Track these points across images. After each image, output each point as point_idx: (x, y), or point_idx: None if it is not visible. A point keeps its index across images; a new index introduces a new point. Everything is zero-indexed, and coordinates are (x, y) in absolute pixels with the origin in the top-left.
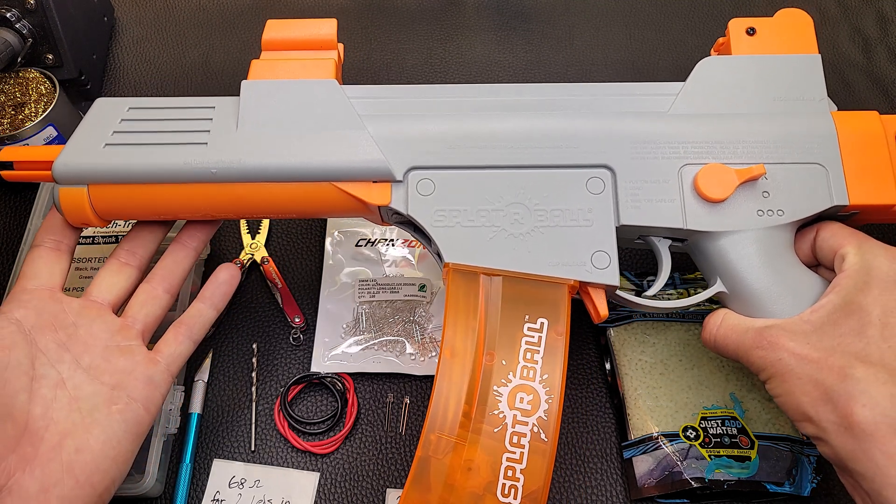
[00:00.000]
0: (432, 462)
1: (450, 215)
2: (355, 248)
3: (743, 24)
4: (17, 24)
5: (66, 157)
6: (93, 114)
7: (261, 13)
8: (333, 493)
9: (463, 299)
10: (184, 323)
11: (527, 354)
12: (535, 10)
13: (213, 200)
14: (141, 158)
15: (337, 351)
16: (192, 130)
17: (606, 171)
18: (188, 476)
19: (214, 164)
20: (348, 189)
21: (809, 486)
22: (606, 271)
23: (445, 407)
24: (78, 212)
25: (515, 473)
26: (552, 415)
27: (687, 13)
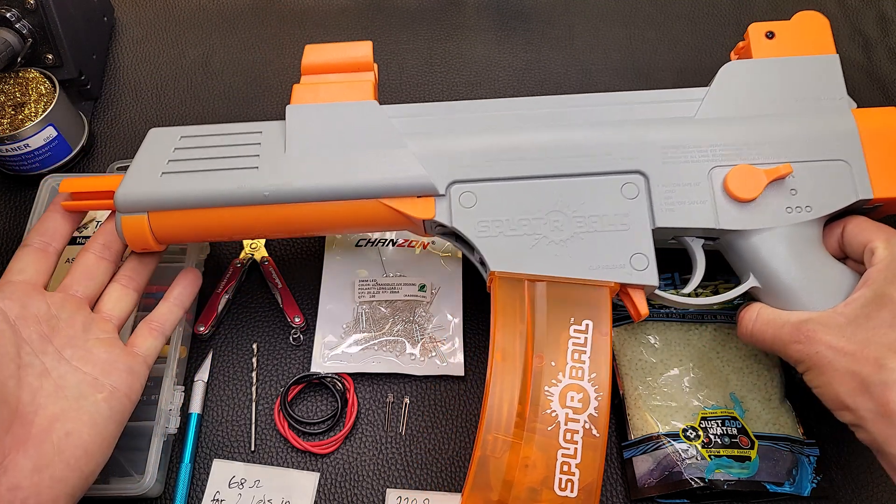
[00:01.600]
0: (491, 461)
1: (493, 225)
2: (355, 248)
3: (762, 28)
4: (17, 24)
5: (126, 187)
6: (148, 144)
7: (261, 13)
8: (333, 493)
9: (510, 305)
10: (154, 320)
11: (574, 355)
12: (535, 10)
13: (265, 221)
14: (196, 185)
15: (337, 351)
16: (242, 156)
17: (640, 176)
18: (188, 476)
19: (266, 188)
20: (394, 205)
21: (809, 486)
22: (646, 272)
23: (500, 408)
24: (139, 238)
25: (571, 468)
26: (602, 411)
27: (687, 13)
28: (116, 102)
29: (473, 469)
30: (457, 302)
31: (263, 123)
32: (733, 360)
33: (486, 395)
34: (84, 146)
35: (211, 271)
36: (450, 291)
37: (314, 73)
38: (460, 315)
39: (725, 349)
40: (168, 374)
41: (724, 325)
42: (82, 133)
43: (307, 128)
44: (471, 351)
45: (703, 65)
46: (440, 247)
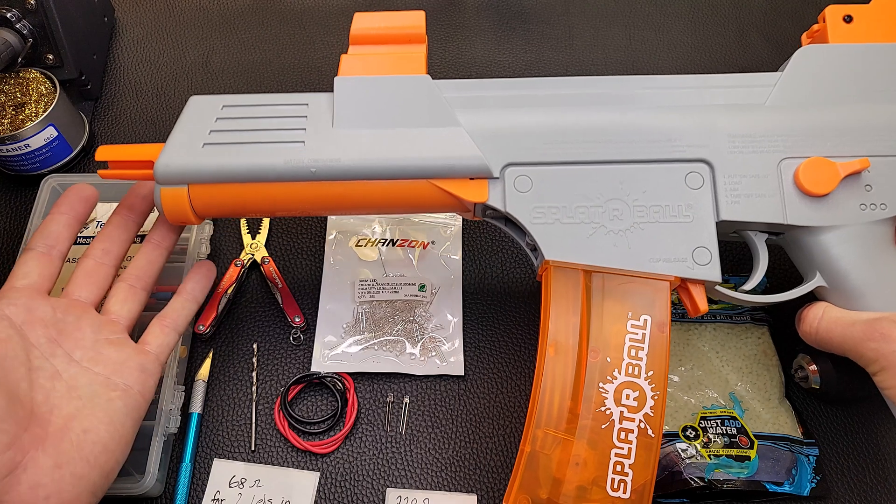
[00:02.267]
0: (540, 457)
1: (548, 212)
2: (355, 248)
3: (840, 11)
4: (17, 24)
5: (167, 157)
6: (189, 112)
7: (261, 13)
8: (333, 492)
9: (564, 296)
10: (167, 317)
11: (631, 351)
12: (535, 10)
13: (310, 198)
14: (240, 158)
15: (337, 351)
16: (288, 129)
17: (705, 165)
18: (188, 476)
19: (313, 164)
20: (446, 187)
21: (809, 486)
22: (708, 267)
23: (550, 403)
24: (178, 211)
25: (624, 468)
26: (658, 410)
27: (686, 13)
28: (117, 102)
29: (522, 464)
30: (457, 302)
31: (310, 95)
32: (733, 360)
33: (537, 388)
34: (84, 146)
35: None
36: (450, 291)
37: (363, 43)
38: (460, 315)
39: (725, 349)
40: (168, 374)
41: (723, 325)
42: (83, 133)
43: (356, 101)
44: (471, 351)
45: (702, 65)
46: (440, 247)
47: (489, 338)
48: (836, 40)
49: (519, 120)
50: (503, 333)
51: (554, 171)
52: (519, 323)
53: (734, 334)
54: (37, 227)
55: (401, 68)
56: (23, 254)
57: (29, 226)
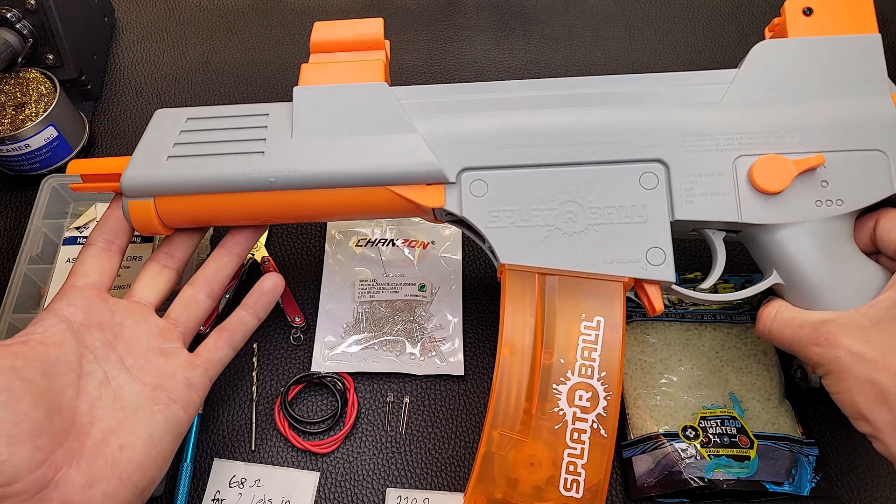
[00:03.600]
0: (496, 458)
1: (504, 215)
2: (355, 248)
3: (800, 3)
4: (17, 24)
5: (131, 171)
6: (154, 126)
7: (261, 13)
8: (333, 492)
9: (520, 299)
10: (226, 330)
11: (584, 352)
12: (535, 10)
13: (270, 207)
14: (202, 170)
15: (337, 351)
16: (249, 139)
17: (660, 165)
18: (188, 476)
19: (272, 173)
20: (403, 193)
21: (809, 486)
22: (662, 267)
23: (506, 404)
24: (146, 222)
25: (577, 468)
26: (611, 411)
27: (686, 13)
28: (117, 102)
29: (478, 465)
30: (457, 302)
31: (271, 105)
32: (732, 360)
33: (494, 390)
34: (84, 146)
35: None
36: (450, 291)
37: (323, 51)
38: (460, 315)
39: (725, 349)
40: None
41: (723, 325)
42: (83, 133)
43: (314, 111)
44: (471, 351)
45: (702, 65)
46: (440, 247)
47: (489, 338)
48: (795, 34)
49: (474, 124)
50: None
51: (509, 174)
52: None
53: (734, 334)
54: (37, 227)
55: (360, 76)
56: (84, 249)
57: (29, 226)
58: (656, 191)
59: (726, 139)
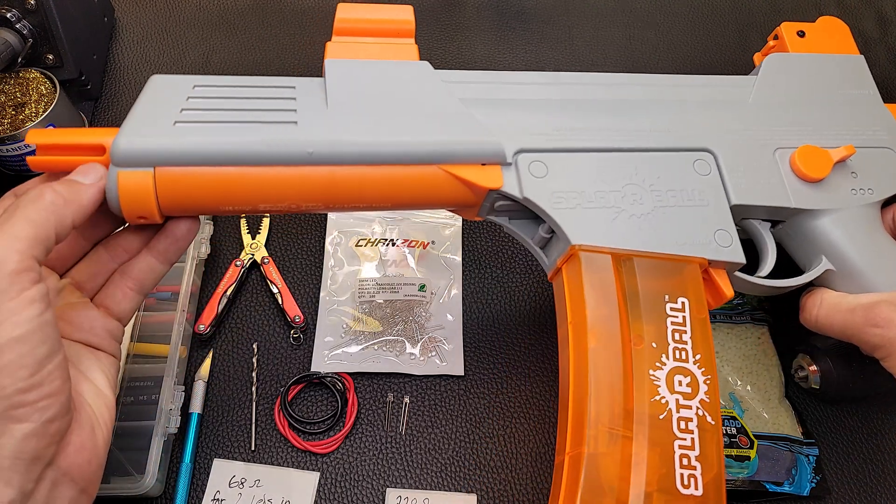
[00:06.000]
0: (600, 460)
1: (569, 197)
2: (355, 248)
3: (793, 27)
4: (17, 24)
5: (129, 134)
6: (151, 91)
7: (261, 13)
8: (333, 492)
9: (598, 283)
10: (132, 278)
11: (675, 335)
12: (535, 10)
13: (304, 187)
14: (224, 136)
15: (337, 351)
16: (276, 109)
17: (709, 154)
18: (188, 476)
19: (312, 144)
20: (459, 173)
21: (809, 486)
22: (731, 249)
23: (601, 398)
24: (139, 201)
25: (690, 461)
26: (713, 395)
27: (686, 14)
28: (116, 103)
29: (583, 471)
30: (457, 302)
31: (296, 79)
32: (732, 360)
33: (587, 384)
34: None
35: (212, 271)
36: (450, 291)
37: (348, 34)
38: (460, 315)
39: (724, 349)
40: (168, 374)
41: (723, 325)
42: None
43: (351, 84)
44: (471, 351)
45: (702, 65)
46: (440, 247)
47: (489, 338)
48: (796, 51)
49: (526, 108)
50: (503, 333)
51: (567, 157)
52: (519, 323)
53: (734, 334)
54: None
55: (392, 56)
56: None
57: None
58: (711, 177)
59: (763, 133)
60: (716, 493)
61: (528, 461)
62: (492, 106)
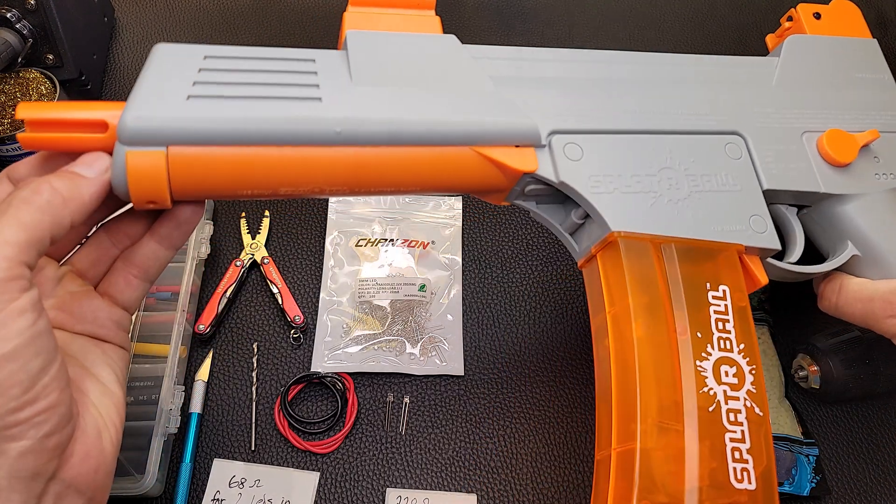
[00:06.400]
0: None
1: (606, 181)
2: (355, 248)
3: (809, 8)
4: (17, 24)
5: (137, 108)
6: (157, 62)
7: (261, 13)
8: (333, 492)
9: (639, 271)
10: (136, 265)
11: (718, 324)
12: (535, 10)
13: (330, 168)
14: (244, 112)
15: (337, 351)
16: (298, 84)
17: (738, 137)
18: (188, 476)
19: (340, 122)
20: (491, 154)
21: (809, 486)
22: (766, 235)
23: (646, 391)
24: (150, 184)
25: (742, 454)
26: (759, 386)
27: (686, 13)
28: None
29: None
30: (457, 302)
31: (314, 51)
32: None
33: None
34: None
35: (212, 270)
36: (450, 291)
37: (364, 3)
38: (460, 315)
39: None
40: (168, 374)
41: None
42: None
43: (375, 57)
44: (471, 351)
45: None
46: (440, 247)
47: (489, 338)
48: (814, 33)
49: (557, 86)
50: (503, 333)
51: (602, 139)
52: (519, 323)
53: None
54: None
55: (414, 28)
56: None
57: None
58: (742, 161)
59: (790, 116)
60: (767, 485)
61: (528, 461)
62: (521, 84)
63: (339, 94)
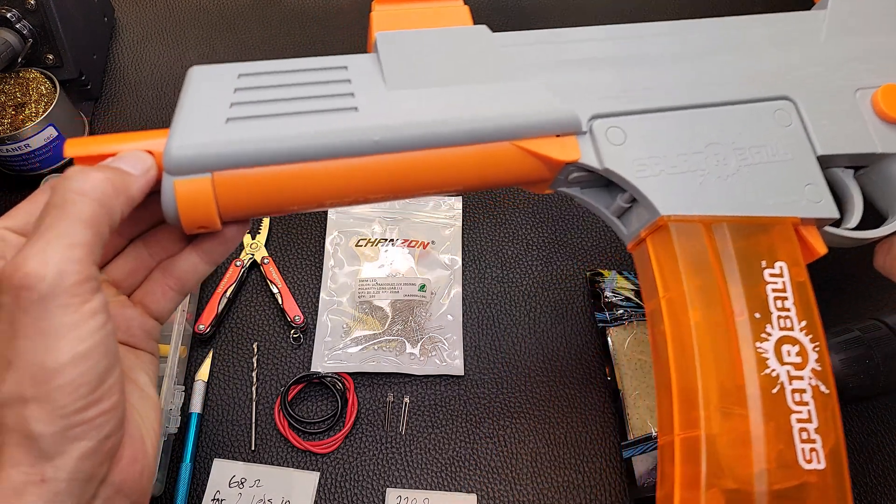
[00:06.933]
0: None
1: (651, 163)
2: (355, 248)
3: None
4: (17, 24)
5: (181, 138)
6: (194, 86)
7: (261, 13)
8: (333, 492)
9: (692, 254)
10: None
11: (777, 303)
12: (535, 10)
13: (372, 177)
14: (283, 131)
15: (337, 351)
16: (333, 95)
17: (788, 102)
18: (188, 476)
19: (377, 131)
20: (533, 147)
21: None
22: (822, 204)
23: (707, 376)
24: (199, 210)
25: (810, 434)
26: (824, 363)
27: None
28: (117, 103)
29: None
30: (457, 302)
31: (344, 57)
32: None
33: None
34: None
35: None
36: (450, 291)
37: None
38: (460, 315)
39: None
40: (168, 374)
41: None
42: (83, 133)
43: (407, 57)
44: (471, 351)
45: None
46: (440, 247)
47: (489, 338)
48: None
49: (593, 68)
50: (503, 333)
51: (644, 119)
52: (519, 323)
53: None
54: None
55: (443, 21)
56: None
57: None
58: (793, 128)
59: (842, 73)
60: (837, 464)
61: (528, 461)
62: (556, 69)
63: (374, 102)
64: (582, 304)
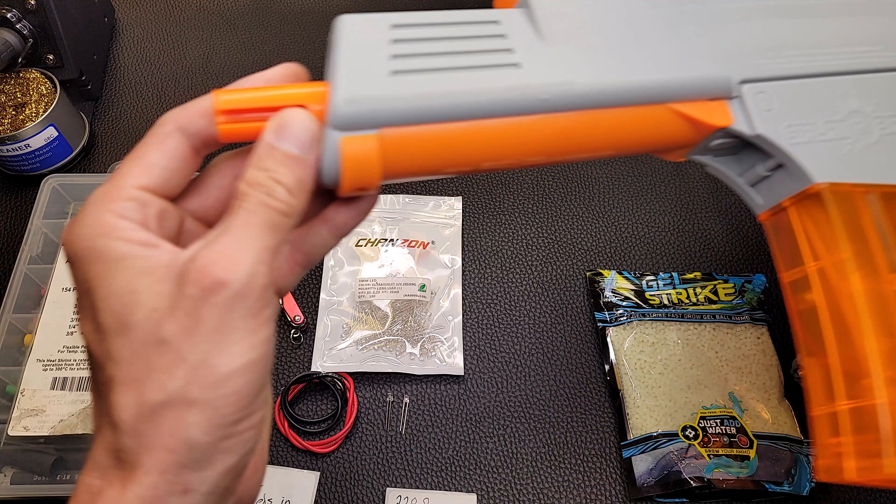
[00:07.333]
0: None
1: (802, 130)
2: (355, 248)
3: None
4: (17, 24)
5: (349, 90)
6: (347, 36)
7: (261, 13)
8: (333, 492)
9: (846, 223)
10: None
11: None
12: None
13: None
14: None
15: (337, 351)
16: (492, 50)
17: None
18: None
19: (545, 88)
20: (686, 110)
21: (808, 486)
22: None
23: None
24: (363, 170)
25: None
26: None
27: None
28: (117, 103)
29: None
30: (457, 302)
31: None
32: (732, 360)
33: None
34: (85, 146)
35: None
36: (450, 291)
37: None
38: (460, 315)
39: (724, 349)
40: None
41: (723, 324)
42: (83, 133)
43: (562, 14)
44: (471, 351)
45: None
46: (440, 247)
47: (489, 338)
48: None
49: (739, 29)
50: (503, 333)
51: (791, 85)
52: (519, 323)
53: (734, 334)
54: (37, 227)
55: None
56: None
57: (29, 226)
58: None
59: None
60: None
61: (528, 461)
62: (702, 29)
63: (536, 58)
64: (581, 304)
